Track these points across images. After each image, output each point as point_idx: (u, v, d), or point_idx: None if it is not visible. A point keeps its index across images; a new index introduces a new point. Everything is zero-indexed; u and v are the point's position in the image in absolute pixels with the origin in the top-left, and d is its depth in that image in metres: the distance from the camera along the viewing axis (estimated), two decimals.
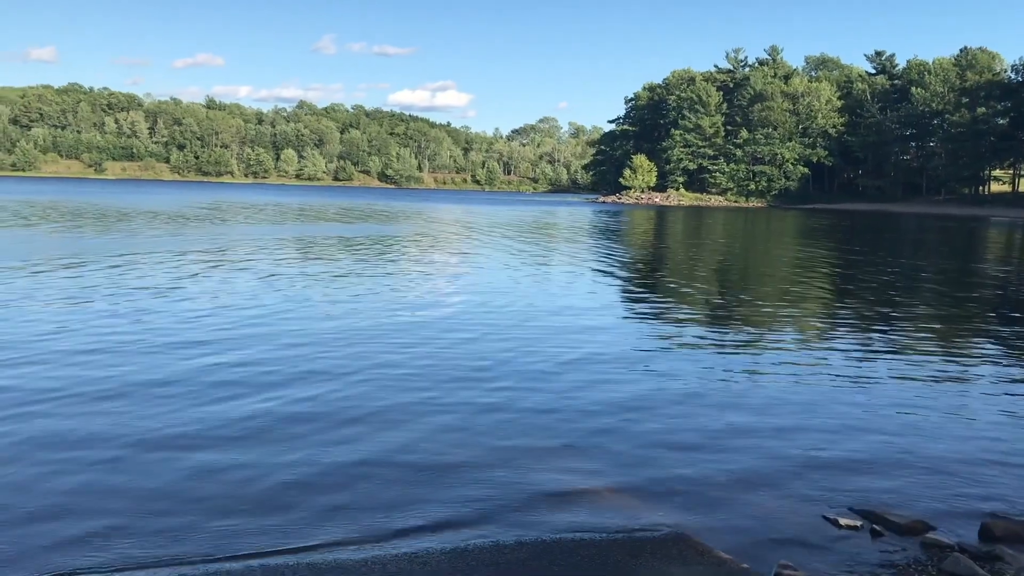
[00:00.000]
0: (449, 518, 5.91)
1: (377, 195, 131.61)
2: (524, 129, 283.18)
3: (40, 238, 28.98)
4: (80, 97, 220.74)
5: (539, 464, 7.03)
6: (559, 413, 8.53)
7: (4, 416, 7.83)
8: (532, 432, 7.89)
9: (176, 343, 11.29)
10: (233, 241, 29.71)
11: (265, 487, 6.35)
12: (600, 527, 5.84)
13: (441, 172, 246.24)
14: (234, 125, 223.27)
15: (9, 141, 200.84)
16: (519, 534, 5.69)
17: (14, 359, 10.07)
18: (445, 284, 19.03)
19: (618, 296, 18.59)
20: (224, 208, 59.67)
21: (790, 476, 6.92)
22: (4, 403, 8.24)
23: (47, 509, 5.83)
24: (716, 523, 5.97)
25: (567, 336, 12.82)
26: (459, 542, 5.54)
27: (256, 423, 7.87)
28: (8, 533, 5.47)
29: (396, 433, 7.70)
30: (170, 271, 19.58)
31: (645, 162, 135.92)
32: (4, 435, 7.30)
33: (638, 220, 66.20)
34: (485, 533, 5.70)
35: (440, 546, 5.48)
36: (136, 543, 5.40)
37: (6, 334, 11.61)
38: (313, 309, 14.59)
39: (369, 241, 32.09)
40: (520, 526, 5.83)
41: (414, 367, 10.31)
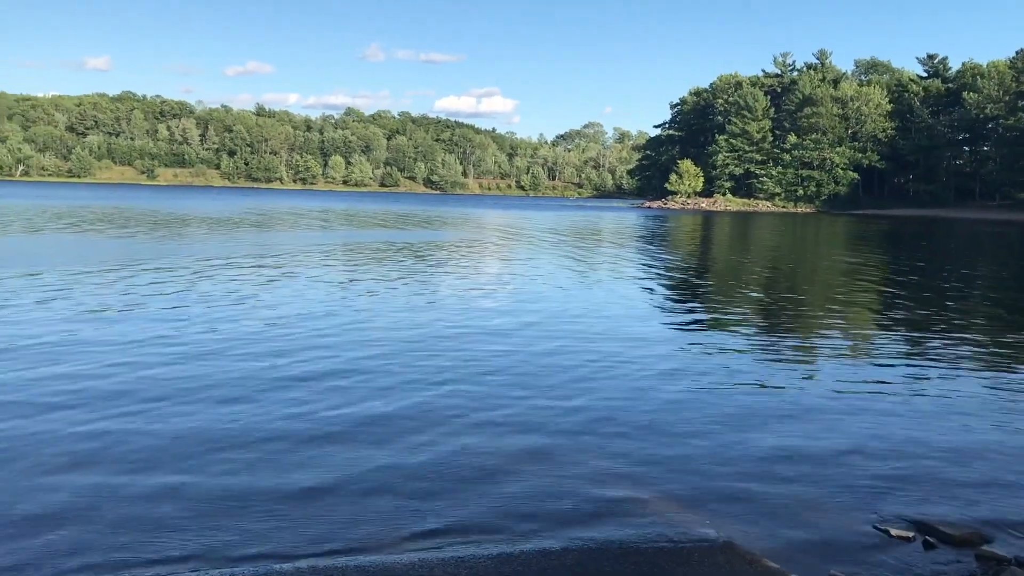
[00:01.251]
0: (496, 523, 5.92)
1: (423, 201, 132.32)
2: (569, 134, 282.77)
3: (111, 243, 29.63)
4: (134, 105, 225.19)
5: (586, 471, 7.02)
6: (606, 420, 8.50)
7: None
8: (578, 439, 7.88)
9: (255, 351, 11.42)
10: (300, 248, 30.08)
11: (324, 488, 6.44)
12: (647, 535, 5.80)
13: (486, 178, 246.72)
14: (283, 132, 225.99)
15: (65, 148, 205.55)
16: (565, 540, 5.67)
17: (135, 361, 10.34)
18: (491, 291, 19.04)
19: (665, 303, 18.49)
20: (279, 214, 60.44)
21: (840, 485, 6.83)
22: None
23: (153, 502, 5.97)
24: (764, 532, 5.90)
25: (614, 342, 12.79)
26: (506, 547, 5.55)
27: (322, 426, 7.99)
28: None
29: (442, 437, 7.75)
30: (244, 278, 19.86)
31: (691, 167, 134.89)
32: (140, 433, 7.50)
33: (684, 226, 65.72)
34: (532, 538, 5.70)
35: (487, 551, 5.48)
36: (197, 541, 5.50)
37: (114, 337, 11.92)
38: (362, 314, 14.74)
39: (422, 247, 32.28)
40: (567, 532, 5.81)
41: (458, 373, 10.36)
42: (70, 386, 9.13)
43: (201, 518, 5.86)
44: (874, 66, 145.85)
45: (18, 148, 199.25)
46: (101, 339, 11.80)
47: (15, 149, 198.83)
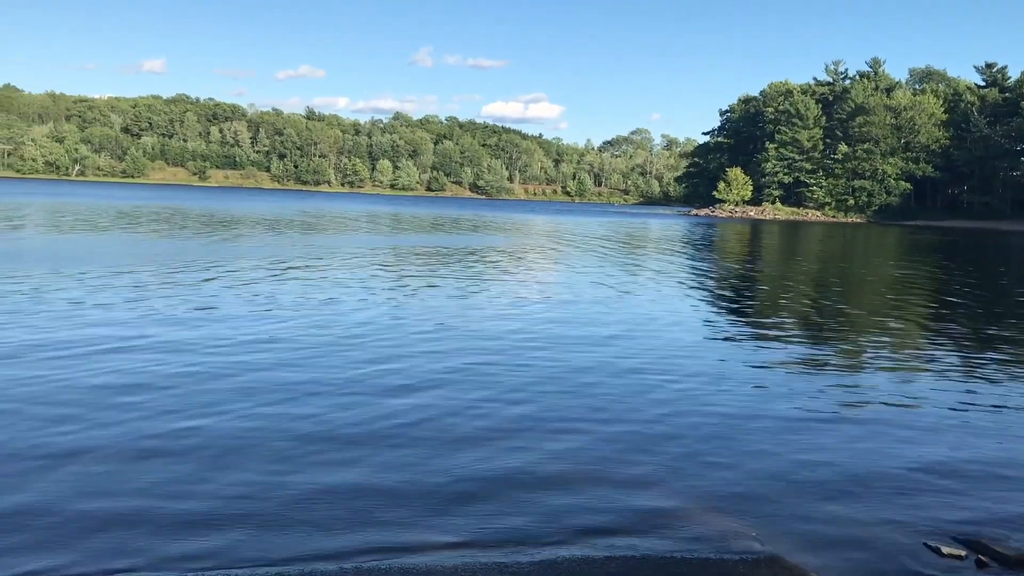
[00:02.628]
0: (539, 530, 5.91)
1: (469, 205, 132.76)
2: (616, 141, 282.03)
3: (182, 244, 30.20)
4: (187, 107, 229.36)
5: (630, 479, 6.99)
6: (653, 429, 8.46)
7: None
8: (624, 447, 7.85)
9: (325, 358, 11.53)
10: (363, 251, 30.38)
11: (372, 487, 6.53)
12: (691, 546, 5.76)
13: (532, 183, 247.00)
14: (332, 135, 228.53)
15: (120, 149, 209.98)
16: (608, 549, 5.65)
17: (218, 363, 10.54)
18: (537, 297, 19.03)
19: (714, 312, 18.32)
20: (329, 217, 61.04)
21: (890, 500, 6.73)
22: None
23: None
24: (811, 546, 5.82)
25: (662, 352, 12.72)
26: (548, 553, 5.55)
27: (388, 429, 8.08)
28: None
29: (488, 442, 7.78)
30: (311, 281, 20.09)
31: (740, 175, 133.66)
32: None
33: (733, 234, 65.15)
34: (574, 546, 5.68)
35: (529, 557, 5.49)
36: (257, 539, 5.60)
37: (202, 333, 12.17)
38: (427, 323, 14.86)
39: (474, 252, 32.40)
40: (609, 541, 5.79)
41: (504, 378, 10.39)
42: (174, 385, 9.37)
43: (267, 514, 5.98)
44: (929, 75, 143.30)
45: (75, 148, 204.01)
46: (201, 339, 12.01)
47: (72, 149, 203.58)
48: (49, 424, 7.74)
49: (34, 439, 7.34)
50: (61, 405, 8.36)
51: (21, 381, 9.17)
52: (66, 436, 7.45)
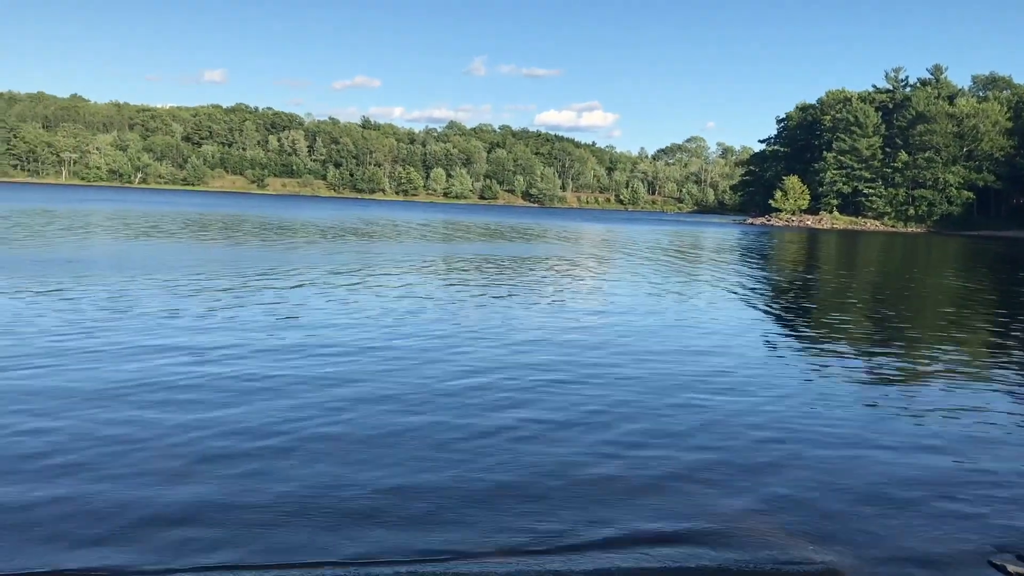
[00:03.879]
0: (594, 537, 5.90)
1: (522, 214, 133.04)
2: (670, 149, 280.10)
3: (251, 252, 30.82)
4: (246, 116, 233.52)
5: (685, 493, 6.94)
6: (709, 438, 8.42)
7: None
8: (680, 455, 7.82)
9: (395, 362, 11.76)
10: (429, 259, 30.71)
11: (431, 488, 6.62)
12: (748, 559, 5.70)
13: (584, 192, 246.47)
14: (387, 144, 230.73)
15: (181, 157, 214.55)
16: (664, 559, 5.63)
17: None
18: (590, 306, 19.04)
19: (771, 322, 18.14)
20: (393, 225, 61.80)
21: (954, 515, 6.60)
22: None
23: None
24: (871, 561, 5.73)
25: (720, 360, 12.64)
26: (602, 561, 5.54)
27: (459, 433, 8.17)
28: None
29: (547, 450, 7.80)
30: (379, 286, 20.47)
31: (797, 184, 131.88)
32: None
33: (790, 243, 64.33)
34: (629, 555, 5.67)
35: (582, 564, 5.49)
36: (319, 538, 5.69)
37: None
38: (492, 329, 14.98)
39: (541, 261, 32.50)
40: (666, 551, 5.76)
41: (566, 387, 10.40)
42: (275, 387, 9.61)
43: (330, 513, 6.08)
44: (993, 81, 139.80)
45: (137, 156, 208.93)
46: (297, 345, 12.27)
47: (135, 157, 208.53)
48: (187, 426, 8.04)
49: (173, 439, 7.64)
50: (193, 406, 8.69)
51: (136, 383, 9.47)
52: (202, 436, 7.75)
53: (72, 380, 9.55)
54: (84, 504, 6.08)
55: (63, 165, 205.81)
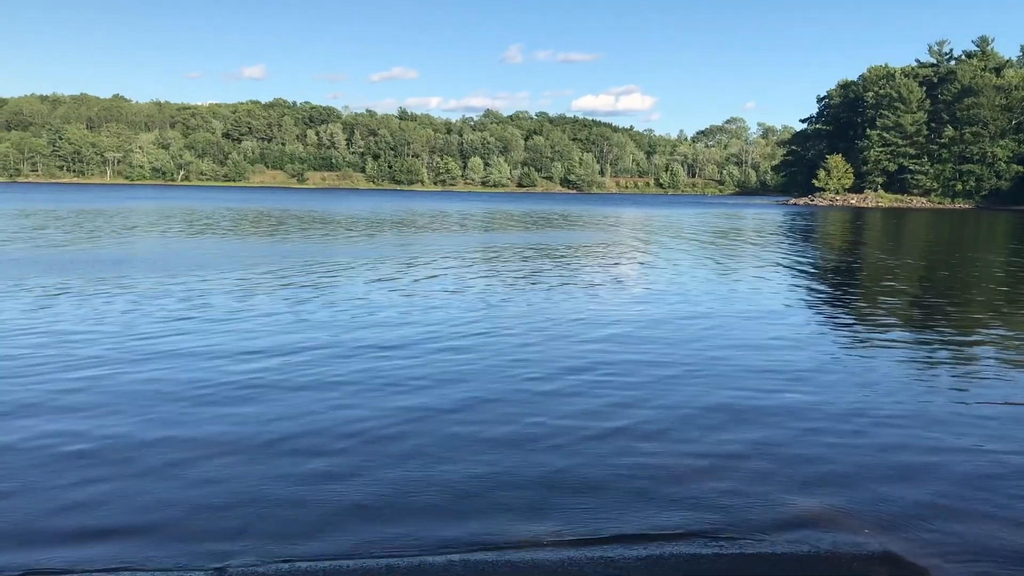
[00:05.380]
0: (647, 526, 5.88)
1: (561, 201, 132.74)
2: (710, 131, 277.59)
3: (308, 246, 31.16)
4: (284, 111, 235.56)
5: (738, 474, 6.89)
6: (758, 423, 8.31)
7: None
8: (732, 443, 7.74)
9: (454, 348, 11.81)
10: (462, 250, 30.81)
11: (484, 477, 6.66)
12: (802, 541, 5.65)
13: (623, 176, 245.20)
14: (424, 135, 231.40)
15: (222, 153, 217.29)
16: (717, 546, 5.59)
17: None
18: (638, 293, 18.92)
19: (814, 304, 17.87)
20: (436, 215, 62.09)
21: (1013, 499, 6.44)
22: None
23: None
24: (930, 546, 5.64)
25: (762, 347, 12.49)
26: (655, 549, 5.52)
27: (510, 427, 8.16)
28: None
29: (605, 438, 7.77)
30: (430, 276, 20.71)
31: (840, 163, 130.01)
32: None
33: (834, 223, 63.43)
34: (681, 543, 5.64)
35: (635, 552, 5.47)
36: (355, 533, 5.72)
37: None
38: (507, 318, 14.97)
39: (570, 249, 32.42)
40: (717, 538, 5.72)
41: (621, 378, 10.34)
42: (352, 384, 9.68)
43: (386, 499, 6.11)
44: None
45: (179, 154, 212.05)
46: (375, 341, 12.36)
47: (177, 155, 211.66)
48: (268, 422, 8.15)
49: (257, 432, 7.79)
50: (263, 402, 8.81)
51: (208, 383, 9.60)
52: (283, 429, 7.87)
53: (159, 379, 9.71)
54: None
55: (107, 165, 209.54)
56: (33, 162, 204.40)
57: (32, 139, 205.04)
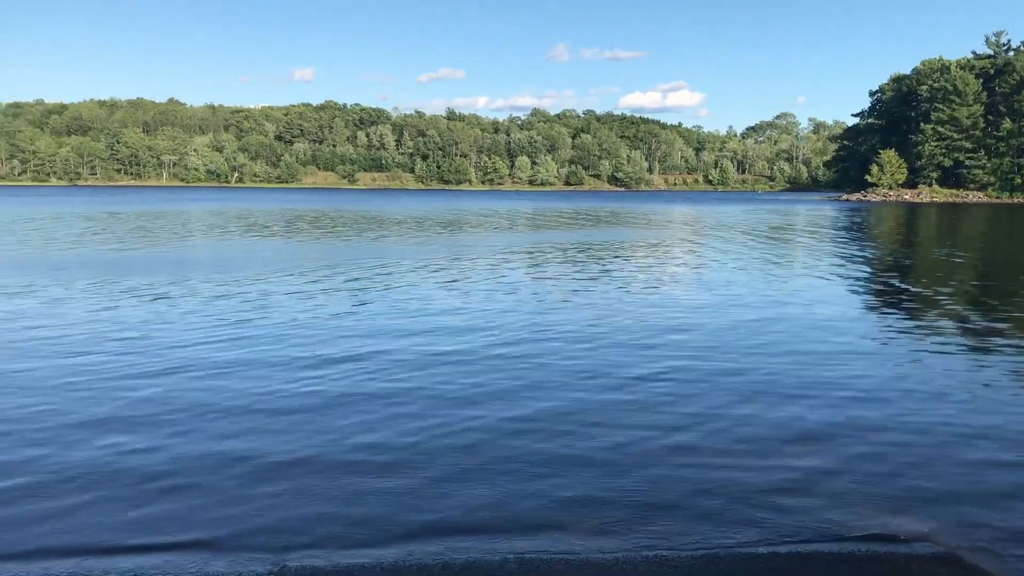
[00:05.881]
0: (700, 525, 5.87)
1: (609, 198, 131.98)
2: (759, 126, 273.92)
3: (370, 245, 31.76)
4: (335, 113, 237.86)
5: (793, 472, 6.89)
6: (826, 421, 8.32)
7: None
8: (792, 439, 7.77)
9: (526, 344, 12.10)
10: (538, 247, 31.07)
11: (535, 476, 6.72)
12: (862, 541, 5.61)
13: (672, 173, 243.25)
14: (472, 135, 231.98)
15: (275, 155, 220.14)
16: (773, 544, 5.56)
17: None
18: (689, 294, 18.79)
19: (876, 307, 17.54)
20: (480, 215, 62.02)
21: None
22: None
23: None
24: (992, 546, 5.58)
25: (829, 354, 12.26)
26: (710, 548, 5.49)
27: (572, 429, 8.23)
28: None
29: (656, 437, 7.79)
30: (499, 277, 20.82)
31: (893, 158, 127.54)
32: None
33: (888, 219, 62.34)
34: (736, 540, 5.62)
35: (690, 552, 5.46)
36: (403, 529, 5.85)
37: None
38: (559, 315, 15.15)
39: (624, 247, 32.47)
40: (774, 535, 5.73)
41: (674, 376, 10.38)
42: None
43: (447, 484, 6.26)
44: None
45: (233, 156, 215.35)
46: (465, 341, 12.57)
47: (231, 157, 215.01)
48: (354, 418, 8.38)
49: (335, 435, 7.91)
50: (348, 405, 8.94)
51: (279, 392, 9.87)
52: (347, 435, 7.93)
53: (219, 385, 9.89)
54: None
55: (164, 167, 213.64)
56: (92, 165, 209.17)
57: (91, 143, 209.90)
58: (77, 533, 5.70)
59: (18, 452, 7.20)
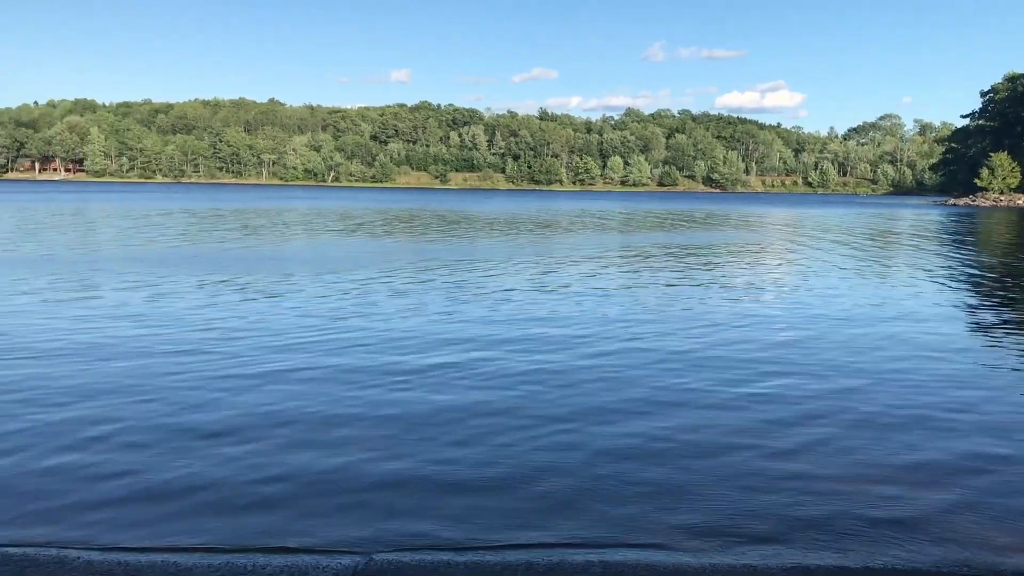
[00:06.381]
0: (790, 534, 5.71)
1: (704, 200, 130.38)
2: (862, 127, 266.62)
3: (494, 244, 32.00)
4: (429, 114, 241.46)
5: (886, 488, 6.58)
6: (935, 449, 7.83)
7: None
8: (893, 451, 7.45)
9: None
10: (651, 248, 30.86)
11: (615, 476, 6.55)
12: (961, 561, 5.34)
13: (770, 175, 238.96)
14: (564, 135, 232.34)
15: (370, 155, 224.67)
16: (864, 558, 5.35)
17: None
18: (781, 302, 18.31)
19: (987, 320, 16.66)
20: (576, 215, 62.34)
21: None
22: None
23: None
24: None
25: (927, 357, 11.86)
26: (800, 559, 5.33)
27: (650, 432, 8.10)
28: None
29: (747, 446, 7.59)
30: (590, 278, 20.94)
31: (1006, 161, 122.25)
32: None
33: (1000, 225, 59.65)
34: (828, 553, 5.43)
35: (778, 562, 5.28)
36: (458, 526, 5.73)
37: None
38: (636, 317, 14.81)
39: (719, 249, 31.87)
40: (869, 550, 5.48)
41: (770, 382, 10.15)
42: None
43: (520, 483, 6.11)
44: None
45: (330, 156, 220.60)
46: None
47: (328, 157, 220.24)
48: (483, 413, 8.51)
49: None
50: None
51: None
52: (441, 424, 8.09)
53: (323, 374, 10.17)
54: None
55: (263, 166, 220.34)
56: (195, 163, 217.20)
57: (195, 142, 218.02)
58: (163, 534, 5.76)
59: (124, 455, 7.21)
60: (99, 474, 6.69)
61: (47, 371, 9.98)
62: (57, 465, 6.85)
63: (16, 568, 4.96)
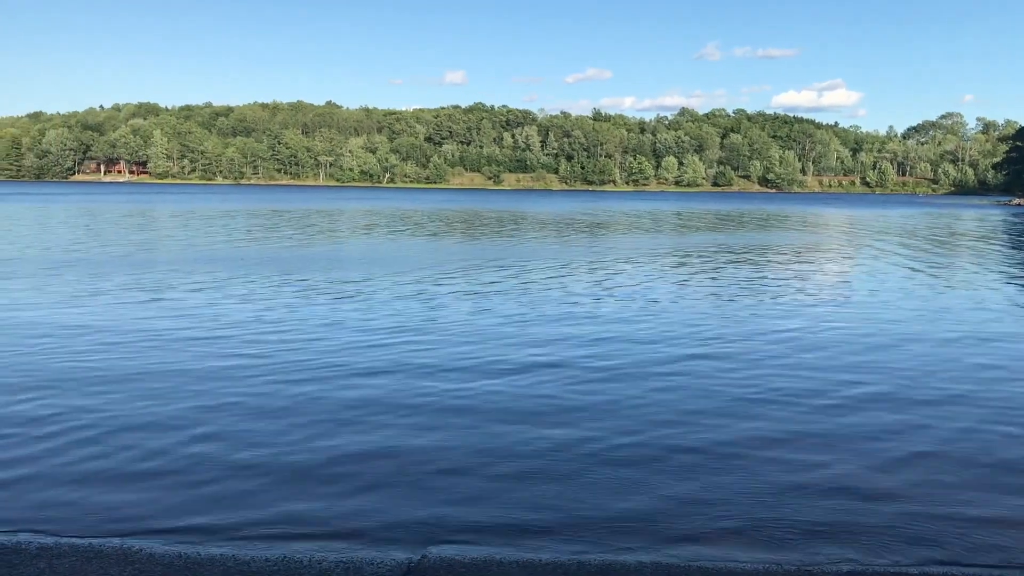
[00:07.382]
0: (851, 540, 5.78)
1: (760, 200, 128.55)
2: (922, 126, 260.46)
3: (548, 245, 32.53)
4: (483, 115, 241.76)
5: (944, 493, 6.67)
6: (973, 442, 7.99)
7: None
8: (949, 459, 7.50)
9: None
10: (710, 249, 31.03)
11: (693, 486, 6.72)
12: (1007, 563, 5.41)
13: (827, 175, 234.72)
14: (617, 135, 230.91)
15: (424, 157, 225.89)
16: (924, 563, 5.44)
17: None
18: (848, 304, 18.23)
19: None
20: (631, 216, 62.17)
21: None
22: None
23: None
24: None
25: (982, 362, 11.83)
26: (856, 565, 5.38)
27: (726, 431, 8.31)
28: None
29: (794, 455, 7.67)
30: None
31: None
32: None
33: None
34: (884, 558, 5.53)
35: (836, 568, 5.31)
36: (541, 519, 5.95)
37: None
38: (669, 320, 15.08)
39: (777, 251, 31.80)
40: (926, 554, 5.60)
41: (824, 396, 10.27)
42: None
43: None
44: None
45: (385, 158, 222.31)
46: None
47: (383, 159, 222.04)
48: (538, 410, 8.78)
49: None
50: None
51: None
52: (496, 430, 8.33)
53: (382, 383, 10.56)
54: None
55: (320, 168, 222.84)
56: (255, 165, 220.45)
57: (254, 144, 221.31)
58: (230, 518, 6.09)
59: (194, 446, 7.66)
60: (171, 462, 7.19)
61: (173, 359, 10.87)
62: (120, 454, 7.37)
63: (82, 559, 5.20)
